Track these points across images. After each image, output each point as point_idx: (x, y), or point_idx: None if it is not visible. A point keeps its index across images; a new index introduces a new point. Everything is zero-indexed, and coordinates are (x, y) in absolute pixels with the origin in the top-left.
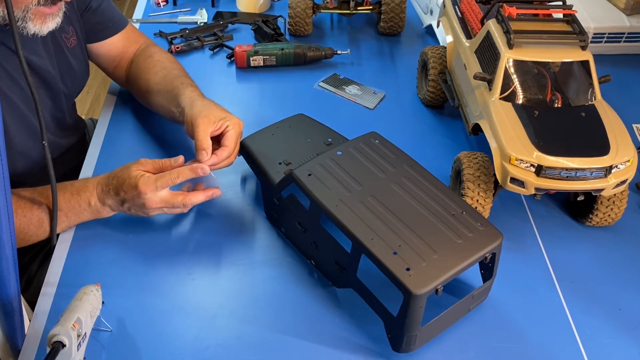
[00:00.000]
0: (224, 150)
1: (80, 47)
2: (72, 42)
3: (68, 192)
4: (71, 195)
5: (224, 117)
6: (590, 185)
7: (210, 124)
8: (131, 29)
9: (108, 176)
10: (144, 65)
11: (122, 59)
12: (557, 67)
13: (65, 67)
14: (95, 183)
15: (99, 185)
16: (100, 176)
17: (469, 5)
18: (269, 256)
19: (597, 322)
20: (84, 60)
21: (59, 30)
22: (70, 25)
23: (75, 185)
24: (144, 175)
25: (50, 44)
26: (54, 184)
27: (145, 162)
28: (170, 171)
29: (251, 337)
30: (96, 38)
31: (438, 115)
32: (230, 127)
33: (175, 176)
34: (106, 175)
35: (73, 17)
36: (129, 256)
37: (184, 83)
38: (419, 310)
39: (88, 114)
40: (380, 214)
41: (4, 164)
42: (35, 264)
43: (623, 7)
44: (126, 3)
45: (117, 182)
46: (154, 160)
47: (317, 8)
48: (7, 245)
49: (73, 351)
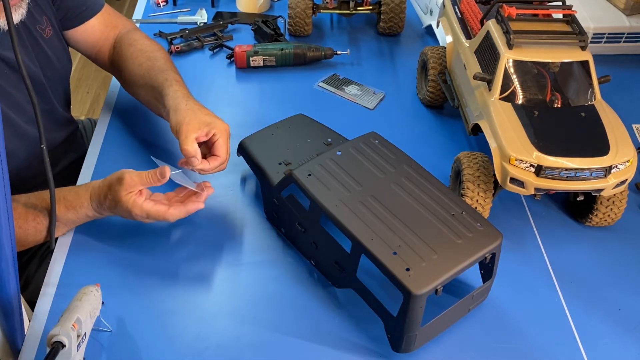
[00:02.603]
0: (216, 160)
1: (57, 37)
2: (48, 33)
3: (62, 205)
4: (67, 209)
5: (209, 123)
6: (590, 186)
7: (195, 131)
8: (108, 12)
9: (99, 195)
10: (127, 54)
11: (103, 44)
12: (556, 67)
13: (44, 59)
14: (89, 199)
15: (92, 202)
16: (91, 191)
17: (469, 5)
18: (269, 256)
19: (597, 322)
20: (64, 49)
21: (32, 22)
22: (44, 15)
23: (68, 198)
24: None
25: (26, 38)
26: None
27: (132, 184)
28: (161, 209)
29: (251, 337)
30: (71, 24)
31: (438, 116)
32: (218, 135)
33: (164, 217)
34: (97, 192)
35: (45, 6)
36: (128, 256)
37: (168, 79)
38: (419, 311)
39: (88, 113)
40: (380, 214)
41: (4, 166)
42: (35, 263)
43: (623, 7)
44: (126, 3)
45: (111, 204)
46: (140, 176)
47: (317, 8)
48: (6, 245)
49: (73, 351)
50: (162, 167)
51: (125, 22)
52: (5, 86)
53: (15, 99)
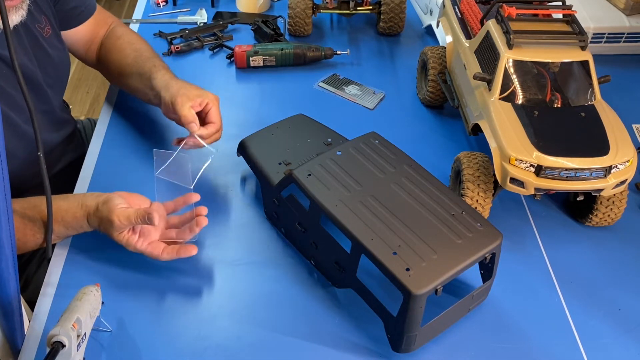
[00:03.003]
0: (212, 126)
1: (56, 36)
2: (47, 32)
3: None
4: (66, 229)
5: (200, 94)
6: (589, 186)
7: (190, 101)
8: (99, 11)
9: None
10: (114, 47)
11: (92, 42)
12: (556, 67)
13: (44, 58)
14: (87, 223)
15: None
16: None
17: (469, 5)
18: (269, 256)
19: (596, 322)
20: (63, 49)
21: (32, 21)
22: (43, 15)
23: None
24: (130, 244)
25: (24, 36)
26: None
27: (122, 226)
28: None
29: (251, 337)
30: (69, 24)
31: (438, 116)
32: (211, 104)
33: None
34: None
35: (45, 6)
36: (128, 256)
37: (156, 65)
38: (419, 310)
39: (88, 113)
40: (380, 214)
41: (4, 167)
42: (34, 263)
43: (623, 7)
44: (126, 3)
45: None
46: (129, 219)
47: (317, 8)
48: (6, 245)
49: (73, 351)
50: (152, 212)
51: (112, 19)
52: (5, 86)
53: (15, 99)
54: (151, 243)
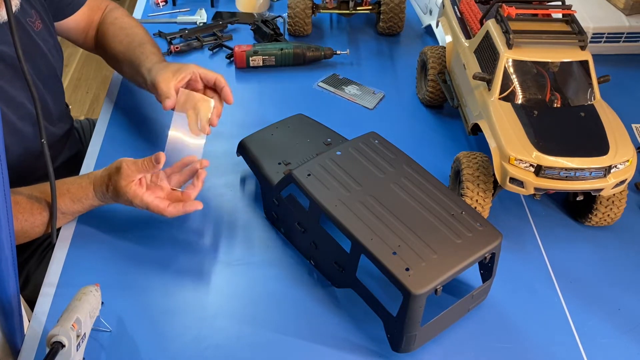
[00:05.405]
0: (219, 80)
1: (47, 29)
2: (38, 26)
3: (67, 198)
4: (72, 202)
5: (178, 69)
6: (589, 185)
7: (171, 79)
8: None
9: (101, 185)
10: (108, 32)
11: (90, 28)
12: (556, 67)
13: (36, 52)
14: (92, 190)
15: (97, 193)
16: (93, 181)
17: (468, 5)
18: (269, 256)
19: (596, 322)
20: (54, 42)
21: (23, 15)
22: (33, 9)
23: (72, 191)
24: (137, 195)
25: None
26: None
27: (130, 173)
28: (160, 205)
29: (251, 337)
30: (63, 15)
31: (437, 115)
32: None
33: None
34: (99, 183)
35: (34, 1)
36: (128, 256)
37: (144, 52)
38: (419, 310)
39: (87, 113)
40: (380, 214)
41: (4, 164)
42: (34, 260)
43: (622, 7)
44: (126, 3)
45: (113, 194)
46: (136, 164)
47: (317, 8)
48: (6, 245)
49: (72, 351)
50: (157, 153)
51: (106, 3)
52: (0, 82)
53: (9, 95)
54: (157, 197)
